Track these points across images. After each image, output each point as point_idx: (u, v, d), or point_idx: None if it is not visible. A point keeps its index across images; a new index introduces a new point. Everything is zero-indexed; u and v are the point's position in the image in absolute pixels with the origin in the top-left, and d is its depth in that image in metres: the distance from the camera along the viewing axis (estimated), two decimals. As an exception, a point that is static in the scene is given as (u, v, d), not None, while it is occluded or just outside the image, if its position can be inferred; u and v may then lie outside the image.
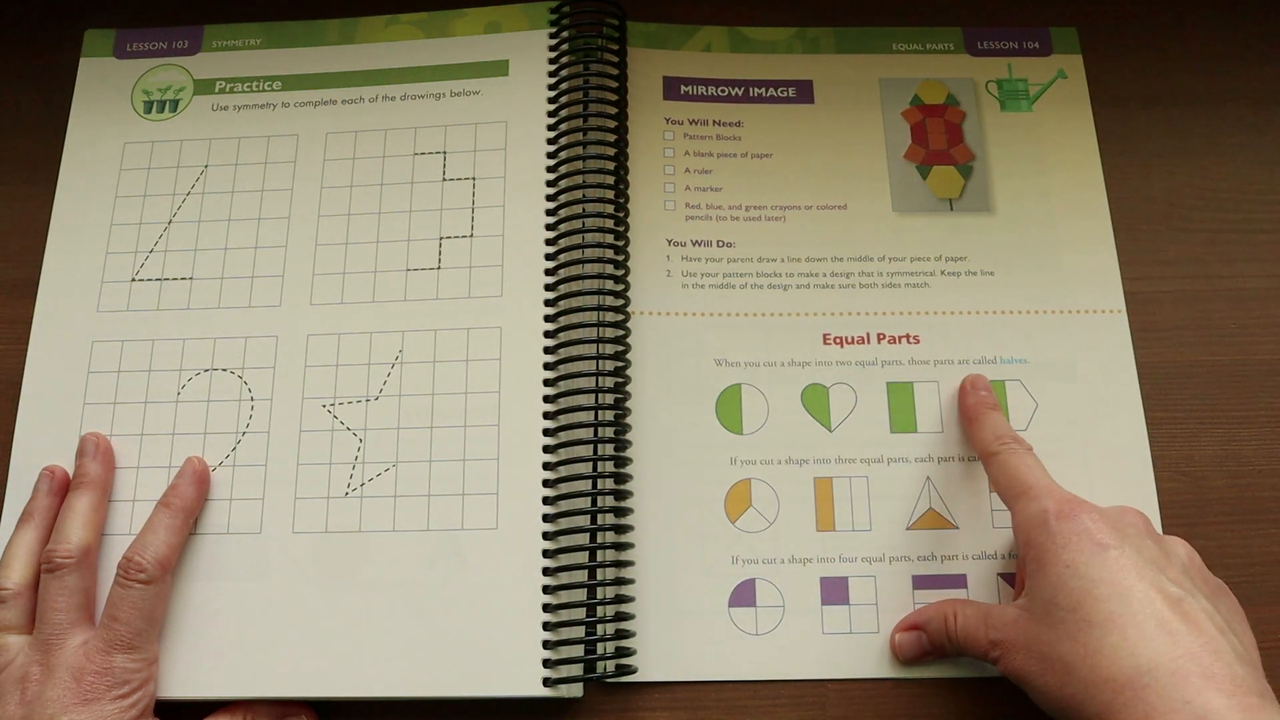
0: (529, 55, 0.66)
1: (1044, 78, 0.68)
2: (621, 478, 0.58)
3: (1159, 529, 0.58)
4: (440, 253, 0.62)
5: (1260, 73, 0.69)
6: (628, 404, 0.60)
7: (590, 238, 0.61)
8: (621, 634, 0.56)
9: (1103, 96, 0.67)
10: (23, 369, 0.61)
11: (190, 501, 0.57)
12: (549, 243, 0.62)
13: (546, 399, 0.58)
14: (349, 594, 0.56)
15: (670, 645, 0.56)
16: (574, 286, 0.60)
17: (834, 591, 0.57)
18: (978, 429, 0.58)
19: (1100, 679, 0.43)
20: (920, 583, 0.57)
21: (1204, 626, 0.44)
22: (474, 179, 0.64)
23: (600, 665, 0.55)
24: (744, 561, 0.58)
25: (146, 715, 0.52)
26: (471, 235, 0.62)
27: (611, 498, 0.58)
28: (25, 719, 0.50)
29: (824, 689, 0.56)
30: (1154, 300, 0.63)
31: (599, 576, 0.55)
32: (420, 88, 0.66)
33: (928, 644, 0.55)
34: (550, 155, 0.63)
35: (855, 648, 0.56)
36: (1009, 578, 0.57)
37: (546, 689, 0.54)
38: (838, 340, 0.62)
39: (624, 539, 0.57)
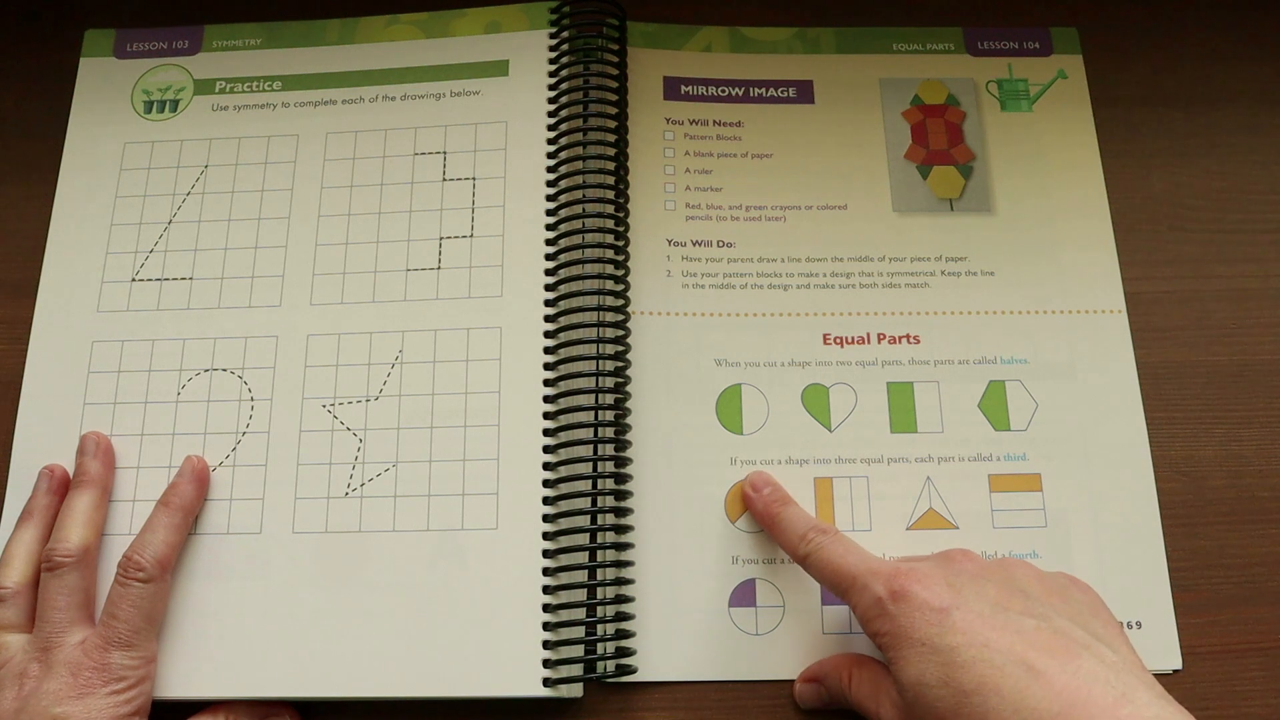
0: (529, 55, 0.66)
1: (1044, 78, 0.68)
2: (621, 478, 0.58)
3: (1159, 529, 0.58)
4: (440, 253, 0.62)
5: (1260, 73, 0.69)
6: (628, 404, 0.60)
7: (590, 238, 0.61)
8: (621, 634, 0.56)
9: (1103, 97, 0.67)
10: (23, 369, 0.61)
11: (190, 501, 0.57)
12: (549, 243, 0.62)
13: (546, 399, 0.58)
14: (349, 594, 0.56)
15: (670, 645, 0.56)
16: (574, 286, 0.60)
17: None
18: (780, 532, 0.55)
19: None
20: (921, 582, 0.57)
21: (1071, 649, 0.44)
22: (474, 179, 0.63)
23: (601, 665, 0.55)
24: (744, 561, 0.58)
25: (142, 713, 0.52)
26: (471, 235, 0.62)
27: (611, 498, 0.58)
28: (20, 711, 0.50)
29: (824, 689, 0.56)
30: (1154, 300, 0.63)
31: (599, 577, 0.55)
32: (420, 88, 0.66)
33: (827, 697, 0.54)
34: (550, 155, 0.63)
35: (855, 648, 0.56)
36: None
37: (546, 689, 0.54)
38: (838, 340, 0.62)
39: (624, 539, 0.57)
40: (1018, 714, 0.42)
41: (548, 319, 0.60)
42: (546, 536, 0.56)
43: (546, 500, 0.57)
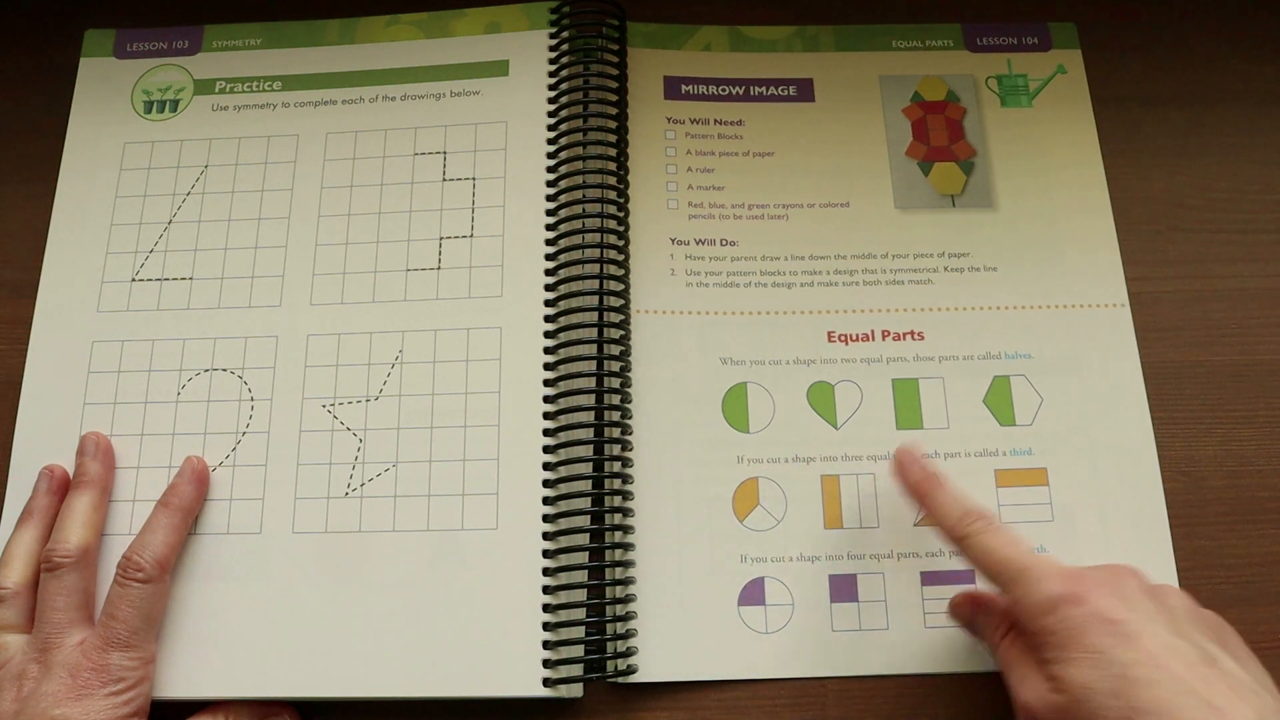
0: (529, 55, 0.66)
1: (1044, 73, 0.68)
2: (623, 478, 0.58)
3: (1166, 521, 0.59)
4: (440, 253, 0.62)
5: (1260, 73, 0.69)
6: (630, 404, 0.59)
7: (590, 238, 0.61)
8: (624, 634, 0.56)
9: (1102, 95, 0.68)
10: (23, 369, 0.61)
11: (189, 501, 0.57)
12: (549, 243, 0.62)
13: (546, 399, 0.58)
14: (349, 594, 0.56)
15: (680, 644, 0.56)
16: (574, 286, 0.60)
17: (843, 589, 0.57)
18: (937, 507, 0.54)
19: None
20: (929, 579, 0.57)
21: (1242, 693, 0.43)
22: (474, 179, 0.64)
23: (611, 664, 0.55)
24: (752, 560, 0.58)
25: (141, 714, 0.52)
26: (471, 235, 0.62)
27: (613, 498, 0.57)
28: (19, 713, 0.50)
29: (824, 688, 0.56)
30: (1154, 300, 0.63)
31: (600, 577, 0.55)
32: (420, 88, 0.66)
33: (973, 626, 0.54)
34: (550, 155, 0.64)
35: (864, 645, 0.56)
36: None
37: (546, 689, 0.54)
38: (842, 338, 0.62)
39: (625, 539, 0.57)
40: None
41: (548, 319, 0.60)
42: (546, 536, 0.56)
43: (546, 500, 0.57)
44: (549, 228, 0.62)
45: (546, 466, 0.57)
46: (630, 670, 0.55)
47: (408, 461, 0.58)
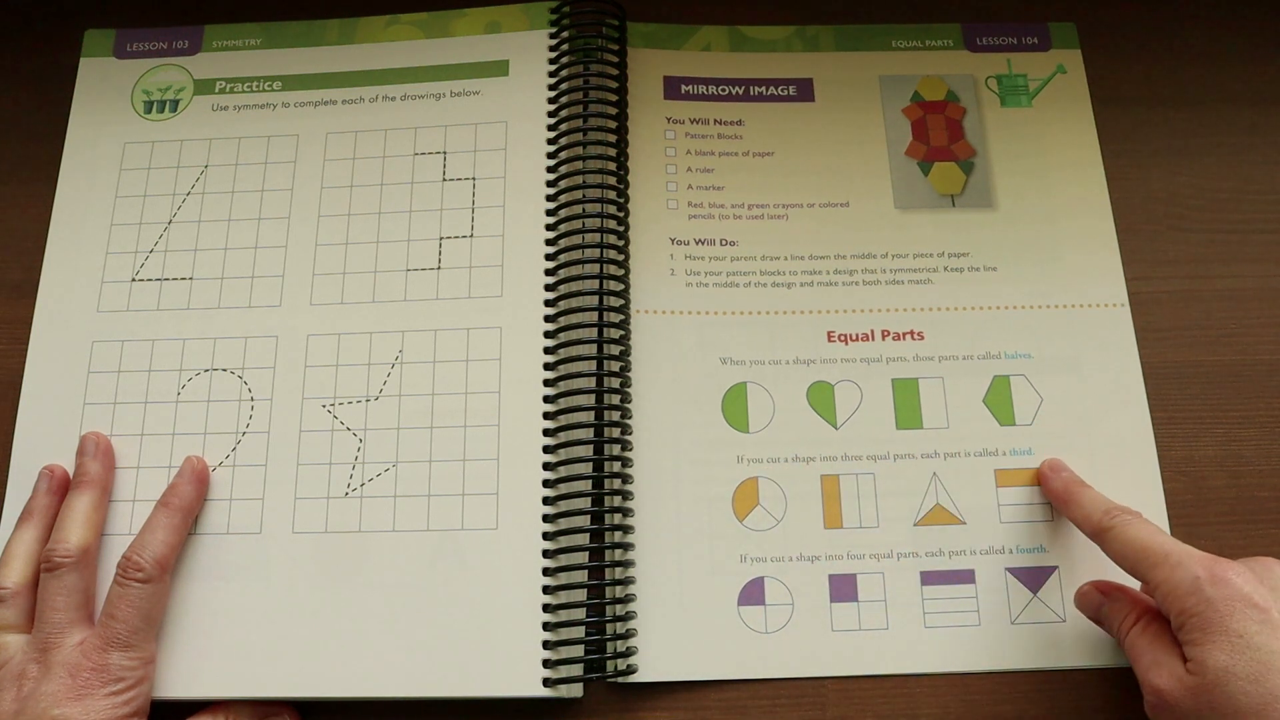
0: (529, 55, 0.66)
1: (1043, 73, 0.68)
2: (624, 478, 0.58)
3: (1166, 519, 0.59)
4: (440, 253, 0.62)
5: (1260, 73, 0.69)
6: (630, 403, 0.59)
7: (590, 238, 0.61)
8: (625, 634, 0.56)
9: (1102, 96, 0.68)
10: (23, 369, 0.61)
11: (189, 501, 0.57)
12: (549, 243, 0.62)
13: (546, 399, 0.58)
14: (349, 594, 0.56)
15: (680, 644, 0.56)
16: (574, 286, 0.60)
17: (843, 589, 0.57)
18: (1078, 508, 0.55)
19: None
20: (929, 579, 0.57)
21: None
22: (474, 179, 0.64)
23: (611, 664, 0.55)
24: (752, 560, 0.58)
25: (141, 714, 0.52)
26: (471, 235, 0.62)
27: (613, 498, 0.57)
28: (19, 713, 0.50)
29: (824, 688, 0.56)
30: (1154, 300, 0.63)
31: (600, 577, 0.55)
32: (420, 88, 0.66)
33: (1101, 616, 0.54)
34: (550, 155, 0.64)
35: (864, 645, 0.56)
36: (1017, 572, 0.58)
37: (546, 689, 0.54)
38: (842, 338, 0.62)
39: (625, 539, 0.57)
40: None
41: (548, 319, 0.60)
42: (546, 536, 0.56)
43: (546, 500, 0.57)
44: (549, 228, 0.62)
45: (546, 466, 0.57)
46: (630, 670, 0.55)
47: (408, 461, 0.58)
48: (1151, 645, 0.49)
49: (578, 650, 0.55)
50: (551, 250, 0.61)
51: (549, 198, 0.62)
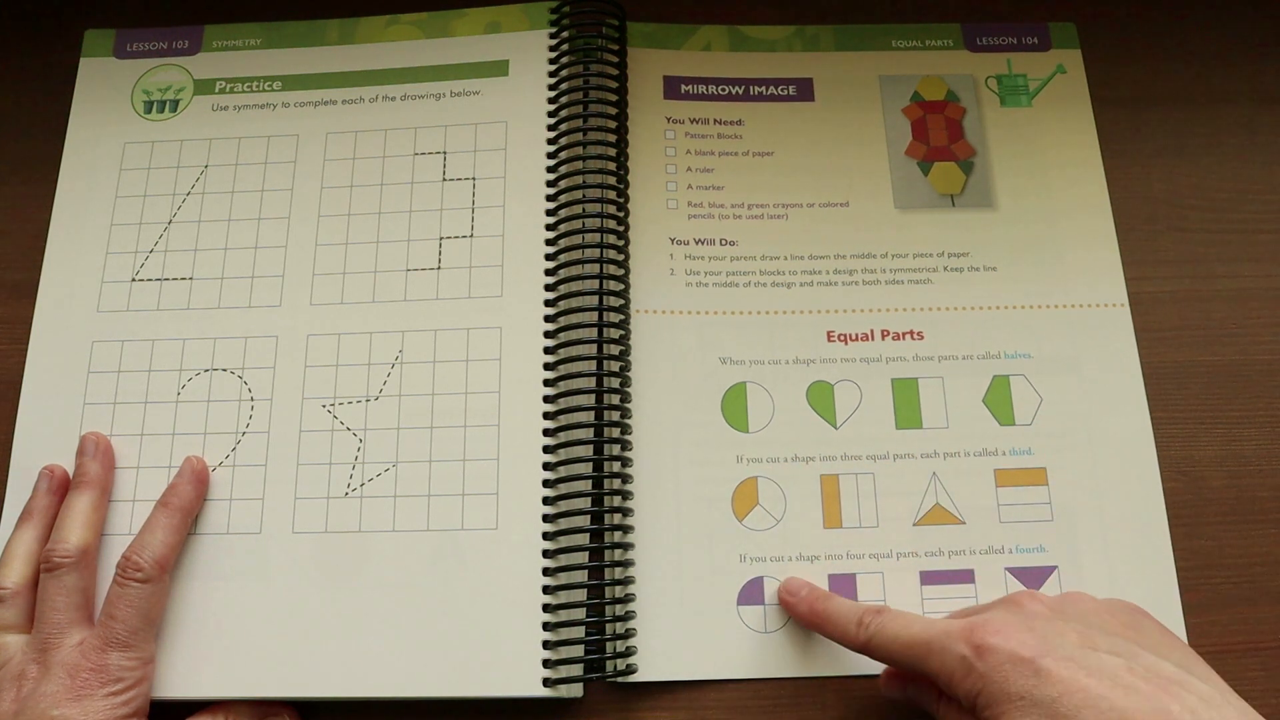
0: (529, 55, 0.66)
1: (1043, 73, 0.68)
2: (623, 478, 0.58)
3: (1165, 520, 0.58)
4: (440, 253, 0.62)
5: (1260, 73, 0.69)
6: (629, 403, 0.59)
7: (590, 238, 0.61)
8: (625, 634, 0.56)
9: (1102, 96, 0.68)
10: (23, 369, 0.61)
11: (189, 501, 0.57)
12: (549, 243, 0.62)
13: (546, 399, 0.58)
14: (349, 594, 0.56)
15: (679, 644, 0.56)
16: (574, 286, 0.60)
17: (842, 589, 0.57)
18: (832, 626, 0.53)
19: None
20: (928, 579, 0.58)
21: (1168, 688, 0.43)
22: (474, 179, 0.63)
23: (610, 664, 0.55)
24: (752, 560, 0.58)
25: (140, 715, 0.52)
26: (471, 235, 0.62)
27: (613, 498, 0.57)
28: (18, 714, 0.50)
29: (824, 688, 0.56)
30: (1154, 300, 0.63)
31: (600, 576, 0.55)
32: (420, 88, 0.66)
33: (913, 699, 0.53)
34: (550, 155, 0.64)
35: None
36: (1017, 572, 0.58)
37: (546, 689, 0.54)
38: (842, 338, 0.62)
39: (624, 539, 0.57)
40: None
41: (548, 319, 0.60)
42: (546, 536, 0.56)
43: (546, 500, 0.57)
44: (549, 228, 0.62)
45: (546, 466, 0.57)
46: (630, 670, 0.55)
47: (408, 461, 0.58)
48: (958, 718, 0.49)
49: (578, 650, 0.55)
50: (551, 250, 0.61)
51: (549, 198, 0.62)
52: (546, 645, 0.54)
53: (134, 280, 0.63)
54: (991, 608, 0.50)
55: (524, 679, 0.54)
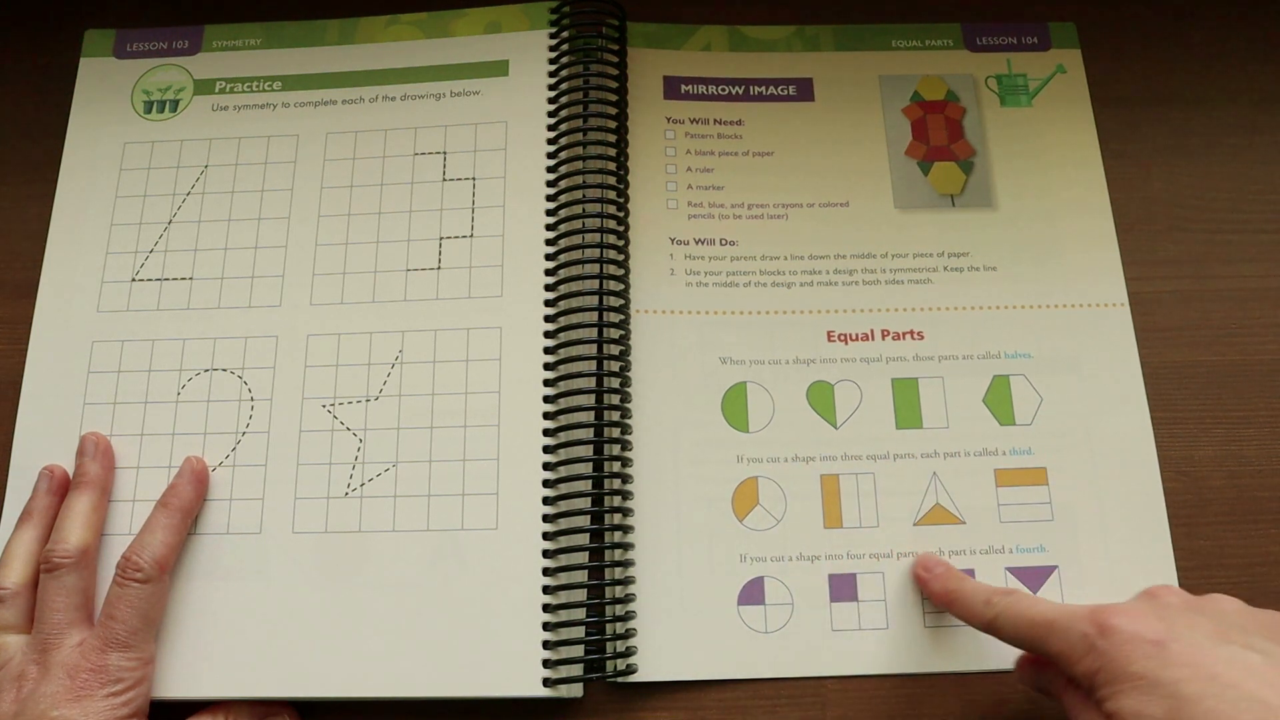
0: (529, 55, 0.66)
1: (1043, 73, 0.68)
2: (624, 478, 0.58)
3: (1165, 520, 0.58)
4: (440, 253, 0.62)
5: (1260, 73, 0.69)
6: (629, 403, 0.59)
7: (590, 238, 0.61)
8: (625, 634, 0.56)
9: (1102, 95, 0.68)
10: (23, 369, 0.61)
11: (189, 501, 0.57)
12: (549, 243, 0.62)
13: (546, 399, 0.58)
14: (349, 594, 0.56)
15: (677, 644, 0.56)
16: (574, 286, 0.60)
17: (842, 588, 0.57)
18: (963, 606, 0.53)
19: None
20: (928, 578, 0.58)
21: None
22: (474, 179, 0.63)
23: (610, 664, 0.55)
24: (752, 559, 0.58)
25: (140, 715, 0.52)
26: (471, 235, 0.62)
27: (613, 498, 0.57)
28: (18, 715, 0.50)
29: (824, 688, 0.56)
30: (1154, 300, 0.63)
31: (600, 576, 0.55)
32: (420, 88, 0.66)
33: (1046, 685, 0.51)
34: (550, 155, 0.64)
35: (864, 644, 0.56)
36: (1017, 572, 0.58)
37: (546, 689, 0.54)
38: (842, 337, 0.62)
39: (625, 539, 0.57)
40: None
41: (548, 319, 0.60)
42: (546, 536, 0.56)
43: (546, 500, 0.57)
44: (549, 228, 0.62)
45: (546, 466, 0.57)
46: (630, 670, 0.55)
47: (408, 461, 0.58)
48: (1081, 706, 0.47)
49: (578, 650, 0.55)
50: (551, 250, 0.61)
51: (549, 198, 0.62)
52: (546, 645, 0.54)
53: (134, 280, 0.63)
54: (1128, 601, 0.48)
55: (524, 679, 0.54)
